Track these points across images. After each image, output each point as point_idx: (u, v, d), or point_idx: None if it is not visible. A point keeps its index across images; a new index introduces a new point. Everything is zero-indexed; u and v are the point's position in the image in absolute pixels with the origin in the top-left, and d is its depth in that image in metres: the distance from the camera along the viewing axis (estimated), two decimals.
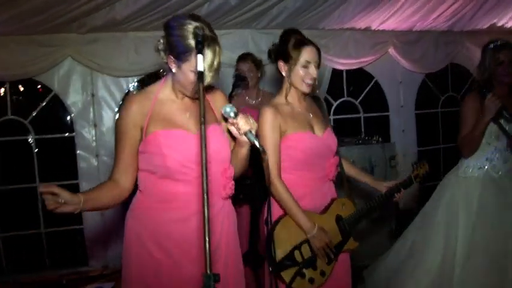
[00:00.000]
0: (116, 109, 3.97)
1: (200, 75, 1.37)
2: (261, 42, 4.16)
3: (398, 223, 4.15)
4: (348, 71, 4.75)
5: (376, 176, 3.90)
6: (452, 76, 5.34)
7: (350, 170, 2.46)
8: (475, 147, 2.66)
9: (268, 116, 2.08)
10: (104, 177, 3.84)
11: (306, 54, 2.12)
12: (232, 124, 1.66)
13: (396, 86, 4.89)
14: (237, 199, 2.30)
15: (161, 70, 3.91)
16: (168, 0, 3.39)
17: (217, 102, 1.94)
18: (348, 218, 2.26)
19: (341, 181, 2.39)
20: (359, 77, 4.95)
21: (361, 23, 4.41)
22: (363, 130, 4.87)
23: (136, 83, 4.10)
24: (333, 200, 2.27)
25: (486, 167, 2.69)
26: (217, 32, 1.68)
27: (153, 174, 1.78)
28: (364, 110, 4.93)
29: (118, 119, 1.84)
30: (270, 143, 2.07)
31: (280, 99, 2.21)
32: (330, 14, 4.14)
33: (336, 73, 4.65)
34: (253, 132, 1.66)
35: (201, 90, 1.33)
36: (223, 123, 1.86)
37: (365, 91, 4.91)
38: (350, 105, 4.89)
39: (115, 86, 3.96)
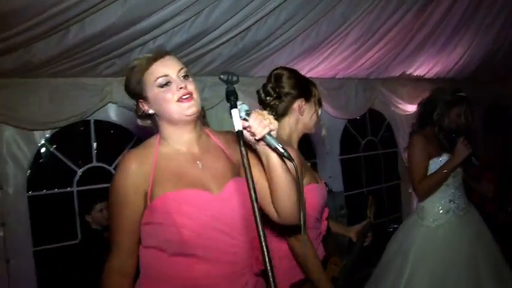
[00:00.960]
0: (26, 166, 3.54)
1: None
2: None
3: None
4: None
5: None
6: (370, 121, 5.84)
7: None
8: (434, 190, 2.86)
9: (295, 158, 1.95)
10: (12, 252, 3.53)
11: None
12: (245, 129, 1.40)
13: (321, 133, 5.36)
14: None
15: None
16: (98, 42, 3.19)
17: (231, 144, 1.70)
18: (342, 278, 2.22)
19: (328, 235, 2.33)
20: None
21: None
22: None
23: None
24: (325, 260, 2.19)
25: (451, 208, 2.92)
26: None
27: (163, 252, 1.49)
28: None
29: (113, 185, 1.55)
30: None
31: (290, 137, 2.11)
32: (262, 61, 4.28)
33: None
34: (274, 133, 1.41)
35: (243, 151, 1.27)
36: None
37: None
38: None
39: (25, 140, 3.59)
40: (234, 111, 1.33)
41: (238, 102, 1.39)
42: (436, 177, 2.84)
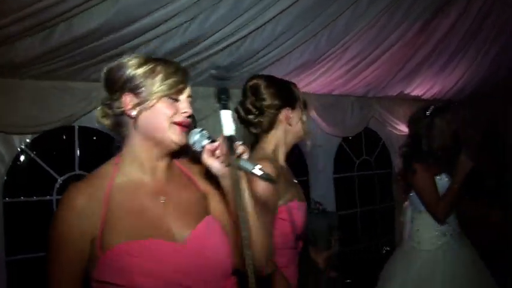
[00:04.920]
0: (3, 171, 3.36)
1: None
2: None
3: None
4: None
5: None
6: (366, 140, 5.74)
7: None
8: (451, 208, 2.79)
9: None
10: None
11: None
12: (211, 153, 1.23)
13: (315, 150, 5.05)
14: None
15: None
16: (86, 44, 3.03)
17: (203, 175, 1.42)
18: None
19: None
20: None
21: None
22: None
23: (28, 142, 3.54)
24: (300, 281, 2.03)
25: (450, 232, 2.85)
26: None
27: None
28: None
29: (52, 226, 1.24)
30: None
31: (277, 151, 1.97)
32: (258, 73, 4.34)
33: None
34: (246, 157, 1.23)
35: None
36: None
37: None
38: None
39: (4, 144, 3.40)
40: (225, 113, 1.17)
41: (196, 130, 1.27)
42: (452, 193, 2.74)
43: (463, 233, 2.97)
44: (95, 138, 4.33)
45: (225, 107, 1.17)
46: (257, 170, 1.19)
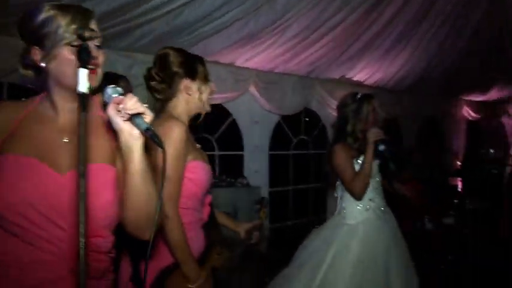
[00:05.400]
0: None
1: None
2: (117, 65, 3.93)
3: (260, 268, 4.39)
4: None
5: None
6: (305, 120, 5.85)
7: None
8: (365, 185, 2.96)
9: (181, 132, 1.87)
10: None
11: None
12: (115, 106, 1.25)
13: (252, 126, 5.15)
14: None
15: None
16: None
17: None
18: (223, 269, 2.17)
19: (211, 224, 2.26)
20: (216, 113, 5.19)
21: (225, 58, 4.51)
22: (217, 169, 4.98)
23: None
24: (207, 248, 2.12)
25: (371, 207, 3.03)
26: None
27: None
28: (219, 147, 5.09)
29: None
30: (176, 166, 1.84)
31: (180, 117, 2.01)
32: (195, 44, 4.15)
33: None
34: (147, 119, 1.26)
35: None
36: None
37: (222, 128, 5.06)
38: (205, 141, 4.94)
39: None
40: (81, 71, 1.17)
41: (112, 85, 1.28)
42: (364, 171, 2.94)
43: (389, 213, 3.18)
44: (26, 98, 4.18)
45: (84, 66, 1.19)
46: (150, 131, 1.25)
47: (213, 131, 5.04)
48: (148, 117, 1.27)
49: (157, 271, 1.88)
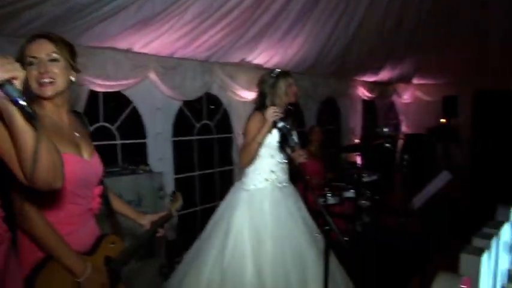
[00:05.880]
0: None
1: None
2: (2, 52, 3.81)
3: (168, 254, 4.43)
4: (104, 94, 4.71)
5: (145, 208, 4.06)
6: (207, 105, 5.90)
7: (114, 201, 2.41)
8: (253, 154, 3.14)
9: None
10: None
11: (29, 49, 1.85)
12: None
13: (154, 113, 5.09)
14: None
15: None
16: None
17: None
18: (118, 259, 2.17)
19: (107, 214, 2.30)
20: (116, 101, 4.99)
21: (122, 43, 4.41)
22: (120, 158, 4.88)
23: None
24: (100, 238, 2.12)
25: (271, 179, 3.24)
26: None
27: None
28: (121, 136, 4.97)
29: None
30: None
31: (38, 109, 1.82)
32: (90, 29, 3.97)
33: (92, 95, 4.50)
34: (18, 83, 1.27)
35: None
36: None
37: (122, 116, 4.96)
38: (106, 130, 4.83)
39: None
40: None
41: None
42: (253, 143, 3.13)
43: (292, 187, 3.41)
44: None
45: None
46: (22, 101, 1.25)
47: (113, 119, 4.92)
48: (19, 81, 1.29)
49: (33, 262, 1.83)
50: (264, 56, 5.90)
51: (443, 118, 9.16)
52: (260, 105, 3.34)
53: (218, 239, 3.19)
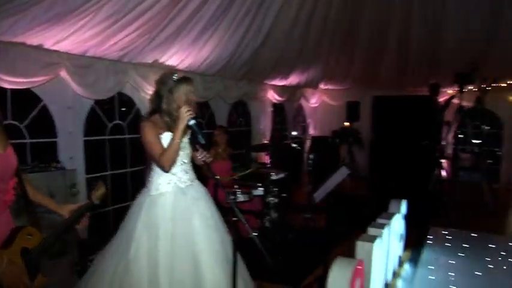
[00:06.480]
0: None
1: None
2: None
3: (81, 254, 4.43)
4: (13, 91, 4.61)
5: None
6: (120, 105, 5.94)
7: (31, 192, 2.44)
8: (173, 158, 3.16)
9: None
10: None
11: None
12: None
13: (65, 111, 5.07)
14: None
15: None
16: None
17: None
18: (36, 250, 2.21)
19: (24, 206, 2.34)
20: (25, 98, 4.84)
21: (34, 39, 4.38)
22: (28, 158, 4.81)
23: None
24: (15, 231, 2.16)
25: (173, 180, 3.25)
26: None
27: None
28: (30, 135, 4.90)
29: None
30: None
31: None
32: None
33: (0, 92, 4.42)
34: None
35: None
36: None
37: (32, 115, 4.89)
38: (15, 129, 4.76)
39: None
40: None
41: None
42: (173, 146, 3.15)
43: (197, 186, 3.44)
44: None
45: None
46: None
47: (23, 117, 4.85)
48: None
49: None
50: (176, 58, 6.08)
51: (346, 121, 9.84)
52: (156, 107, 3.31)
53: (122, 242, 3.21)
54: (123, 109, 6.15)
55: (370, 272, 3.63)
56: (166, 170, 3.22)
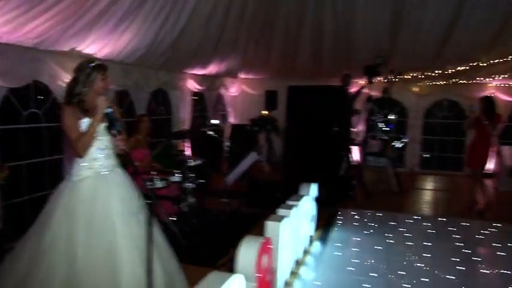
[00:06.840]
0: None
1: None
2: None
3: None
4: None
5: None
6: (36, 93, 5.89)
7: None
8: (88, 144, 3.29)
9: None
10: None
11: None
12: None
13: None
14: None
15: None
16: None
17: None
18: None
19: None
20: None
21: None
22: None
23: None
24: None
25: (95, 166, 3.37)
26: None
27: None
28: None
29: None
30: None
31: None
32: None
33: None
34: None
35: None
36: None
37: None
38: None
39: None
40: None
41: None
42: (89, 132, 3.29)
43: (119, 171, 3.57)
44: None
45: None
46: None
47: None
48: None
49: None
50: (95, 46, 6.10)
51: (265, 110, 10.24)
52: (70, 93, 3.39)
53: (40, 226, 3.29)
54: (40, 97, 6.07)
55: (278, 249, 4.02)
56: (81, 155, 3.34)
